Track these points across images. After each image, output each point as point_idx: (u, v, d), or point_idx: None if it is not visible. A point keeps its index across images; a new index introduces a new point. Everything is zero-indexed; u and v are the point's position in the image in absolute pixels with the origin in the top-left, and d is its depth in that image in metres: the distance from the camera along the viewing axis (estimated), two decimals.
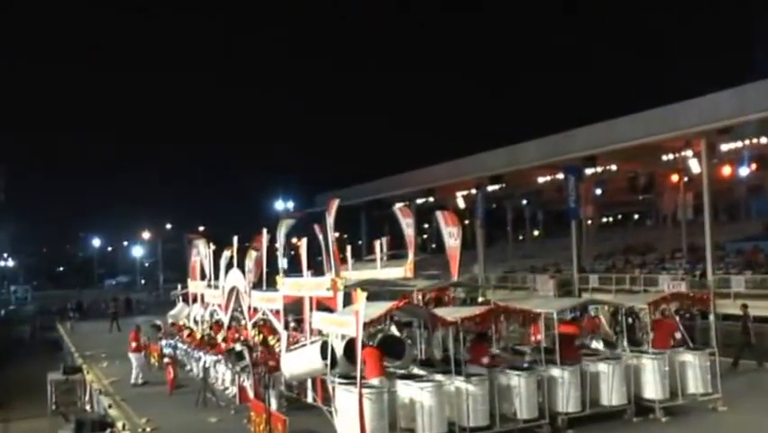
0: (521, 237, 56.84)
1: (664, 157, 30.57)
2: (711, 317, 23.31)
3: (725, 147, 27.73)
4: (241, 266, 17.43)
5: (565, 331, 13.40)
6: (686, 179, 33.14)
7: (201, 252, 21.53)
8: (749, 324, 18.31)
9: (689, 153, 28.41)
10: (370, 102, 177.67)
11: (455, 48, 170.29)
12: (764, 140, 26.37)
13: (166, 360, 18.88)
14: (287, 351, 13.85)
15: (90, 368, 21.54)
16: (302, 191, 62.86)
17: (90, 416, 16.01)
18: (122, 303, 47.63)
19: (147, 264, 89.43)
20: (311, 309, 13.72)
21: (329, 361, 11.71)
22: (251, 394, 14.46)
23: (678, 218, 37.37)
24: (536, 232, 59.43)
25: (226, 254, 18.80)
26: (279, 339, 14.94)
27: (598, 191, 38.06)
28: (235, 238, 18.25)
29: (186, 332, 20.38)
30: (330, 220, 13.52)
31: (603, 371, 12.72)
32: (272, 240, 16.37)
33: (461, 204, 41.98)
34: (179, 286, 26.45)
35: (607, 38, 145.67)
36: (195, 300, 22.13)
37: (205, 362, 16.96)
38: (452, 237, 17.95)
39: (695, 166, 28.70)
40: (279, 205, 54.34)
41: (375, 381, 11.18)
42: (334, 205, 13.82)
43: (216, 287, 19.39)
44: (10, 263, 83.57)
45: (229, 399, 15.89)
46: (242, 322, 17.61)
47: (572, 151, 31.00)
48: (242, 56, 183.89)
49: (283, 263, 15.50)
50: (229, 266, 18.30)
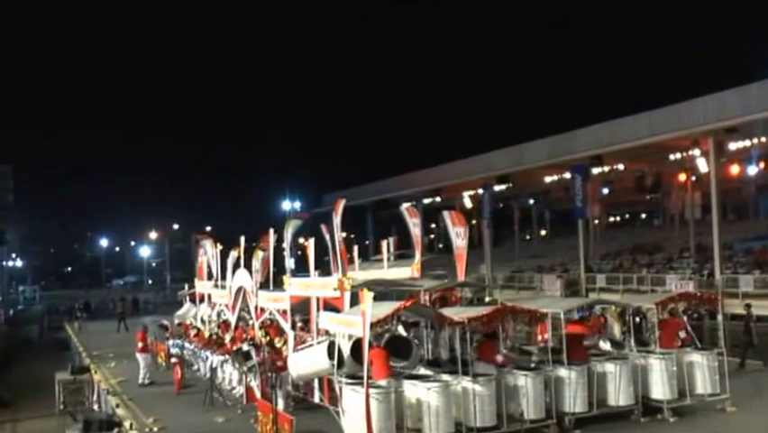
0: (528, 237, 56.81)
1: (672, 156, 30.51)
2: (719, 317, 23.17)
3: (733, 146, 27.63)
4: (248, 266, 17.49)
5: (574, 331, 13.38)
6: (694, 178, 33.03)
7: (208, 252, 21.60)
8: (752, 324, 18.23)
9: (696, 152, 28.27)
10: (378, 102, 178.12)
11: (460, 49, 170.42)
12: None
13: (173, 360, 18.91)
14: (294, 351, 13.86)
15: (98, 368, 21.58)
16: (309, 191, 63.06)
17: (98, 415, 16.07)
18: (129, 303, 47.85)
19: (154, 264, 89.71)
20: (318, 309, 13.72)
21: (336, 361, 11.71)
22: (258, 394, 14.43)
23: (685, 218, 37.22)
24: (543, 231, 59.31)
25: (233, 254, 18.88)
26: (286, 339, 14.96)
27: (605, 191, 37.98)
28: (242, 238, 18.30)
29: (193, 332, 20.45)
30: (337, 220, 13.49)
31: (610, 371, 12.67)
32: (279, 240, 16.35)
33: (467, 204, 42.03)
34: (186, 286, 26.56)
35: (614, 37, 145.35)
36: (202, 300, 22.20)
37: (212, 362, 17.02)
38: (458, 237, 17.91)
39: (703, 165, 28.57)
40: (286, 205, 54.41)
41: (382, 381, 11.17)
42: (341, 205, 13.81)
43: (223, 287, 19.47)
44: (18, 264, 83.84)
45: (236, 398, 15.90)
46: (250, 322, 17.64)
47: (579, 150, 30.94)
48: (248, 57, 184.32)
49: (290, 263, 15.50)
50: (236, 266, 18.36)
